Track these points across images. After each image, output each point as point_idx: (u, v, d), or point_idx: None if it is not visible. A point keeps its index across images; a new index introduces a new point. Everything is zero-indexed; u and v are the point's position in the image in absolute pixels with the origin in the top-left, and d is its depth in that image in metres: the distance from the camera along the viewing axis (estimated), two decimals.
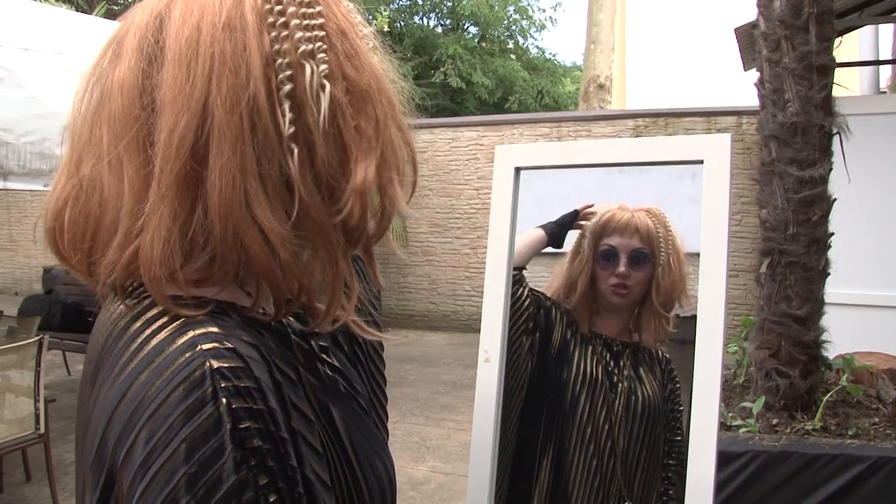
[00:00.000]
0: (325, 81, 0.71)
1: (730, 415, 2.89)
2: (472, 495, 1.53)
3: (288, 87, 0.69)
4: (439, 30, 21.51)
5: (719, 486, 2.46)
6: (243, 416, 0.60)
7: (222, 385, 0.60)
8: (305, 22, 0.72)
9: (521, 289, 1.70)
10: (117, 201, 0.68)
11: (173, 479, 0.57)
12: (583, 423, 1.64)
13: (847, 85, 4.64)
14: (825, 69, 2.91)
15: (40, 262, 11.31)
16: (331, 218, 0.71)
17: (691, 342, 1.41)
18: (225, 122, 0.66)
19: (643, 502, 1.61)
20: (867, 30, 6.74)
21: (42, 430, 3.90)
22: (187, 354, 0.62)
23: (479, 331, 1.61)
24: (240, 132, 0.66)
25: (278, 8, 0.71)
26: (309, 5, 0.73)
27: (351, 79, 0.73)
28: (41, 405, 3.92)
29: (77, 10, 6.63)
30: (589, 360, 1.66)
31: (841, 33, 4.85)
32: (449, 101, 20.10)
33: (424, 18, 21.69)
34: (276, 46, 0.70)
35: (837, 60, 3.00)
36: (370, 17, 17.37)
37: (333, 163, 0.71)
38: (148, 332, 0.66)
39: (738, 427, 2.78)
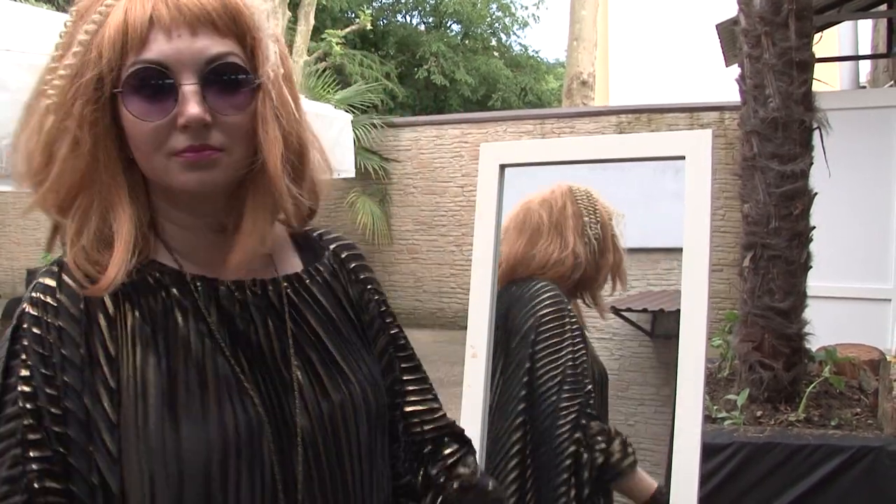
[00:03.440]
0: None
1: (714, 407, 2.92)
2: None
3: None
4: (422, 28, 21.48)
5: (705, 478, 2.49)
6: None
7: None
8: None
9: None
10: None
11: None
12: None
13: (827, 80, 4.68)
14: (805, 65, 2.93)
15: (23, 264, 11.21)
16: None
17: (675, 336, 1.43)
18: None
19: None
20: (846, 25, 6.80)
21: None
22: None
23: (465, 328, 1.62)
24: None
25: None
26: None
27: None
28: None
29: (57, 11, 6.57)
30: None
31: (820, 29, 4.90)
32: (432, 99, 20.08)
33: (407, 16, 21.67)
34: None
35: (817, 56, 3.03)
36: (353, 15, 17.34)
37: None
38: None
39: (723, 419, 2.81)
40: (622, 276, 1.92)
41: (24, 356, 0.80)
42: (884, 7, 5.99)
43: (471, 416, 1.57)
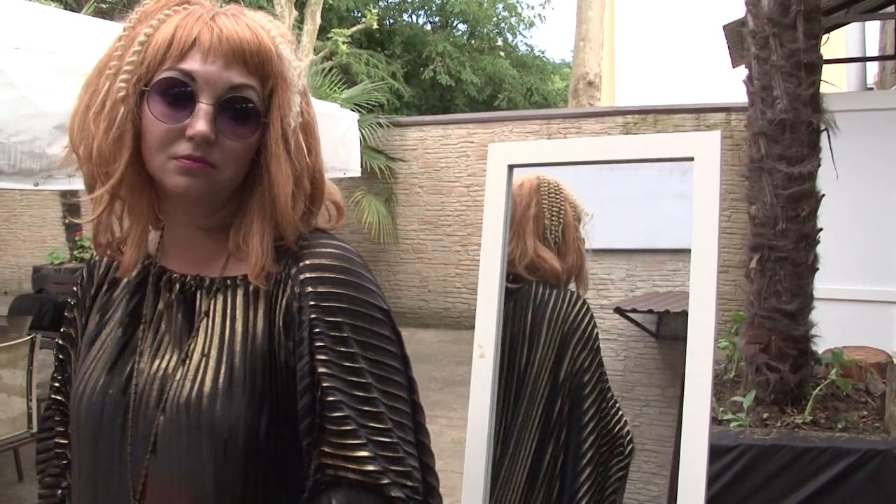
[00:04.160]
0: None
1: (721, 409, 2.92)
2: (468, 490, 1.54)
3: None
4: (428, 27, 21.46)
5: (711, 480, 2.48)
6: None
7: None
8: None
9: None
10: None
11: None
12: None
13: (835, 81, 4.66)
14: (813, 66, 2.93)
15: (30, 261, 11.24)
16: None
17: (683, 338, 1.43)
18: None
19: None
20: (854, 27, 6.77)
21: (34, 430, 3.89)
22: None
23: (470, 328, 1.62)
24: None
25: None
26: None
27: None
28: (33, 404, 3.91)
29: (66, 9, 6.59)
30: None
31: (828, 30, 4.88)
32: (438, 99, 20.07)
33: (413, 16, 21.65)
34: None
35: (825, 57, 3.01)
36: (359, 15, 17.34)
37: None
38: None
39: (729, 421, 2.80)
40: (583, 280, 1.94)
41: (66, 309, 1.14)
42: (892, 8, 5.96)
43: (478, 416, 1.57)
